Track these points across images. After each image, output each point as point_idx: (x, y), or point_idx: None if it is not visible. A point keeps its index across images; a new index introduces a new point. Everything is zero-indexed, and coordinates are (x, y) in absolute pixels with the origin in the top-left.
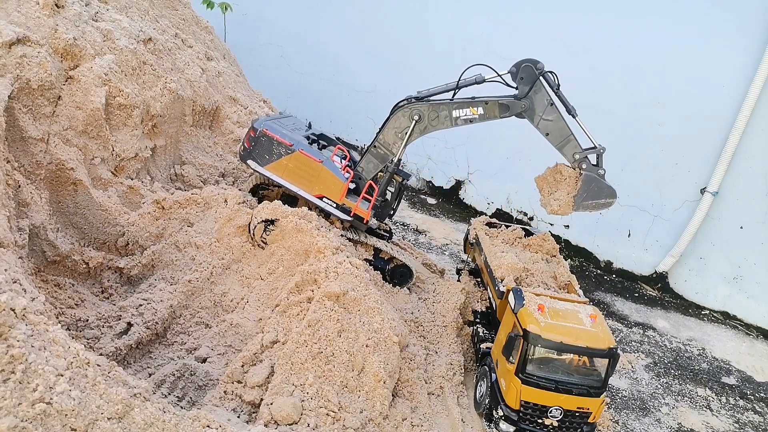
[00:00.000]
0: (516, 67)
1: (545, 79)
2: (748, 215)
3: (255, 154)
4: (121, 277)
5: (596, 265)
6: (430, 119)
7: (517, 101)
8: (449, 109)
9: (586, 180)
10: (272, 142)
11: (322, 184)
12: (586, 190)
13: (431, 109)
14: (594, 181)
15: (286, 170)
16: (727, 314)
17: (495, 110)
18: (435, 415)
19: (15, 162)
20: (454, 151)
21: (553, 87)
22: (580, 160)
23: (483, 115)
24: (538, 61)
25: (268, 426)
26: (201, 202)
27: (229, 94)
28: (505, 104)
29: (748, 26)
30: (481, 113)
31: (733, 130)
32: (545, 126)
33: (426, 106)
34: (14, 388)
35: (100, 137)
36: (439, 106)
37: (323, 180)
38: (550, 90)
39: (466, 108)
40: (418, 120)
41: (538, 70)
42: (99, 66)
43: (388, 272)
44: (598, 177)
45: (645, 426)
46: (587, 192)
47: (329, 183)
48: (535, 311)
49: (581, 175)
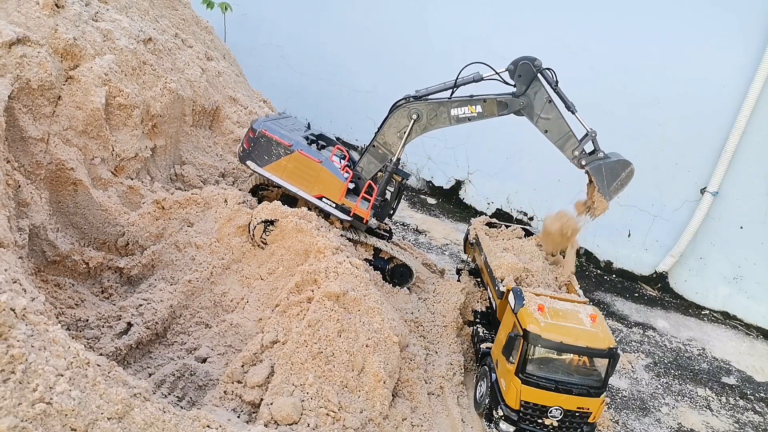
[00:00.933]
0: (514, 64)
1: (543, 76)
2: (748, 215)
3: (254, 154)
4: (121, 277)
5: (596, 265)
6: (429, 118)
7: (515, 99)
8: (448, 107)
9: (595, 172)
10: (271, 142)
11: (321, 185)
12: (602, 178)
13: (430, 108)
14: (602, 167)
15: (285, 171)
16: (727, 314)
17: (493, 108)
18: (435, 415)
19: (15, 162)
20: (454, 151)
21: (551, 84)
22: (579, 156)
23: (481, 113)
24: (536, 58)
25: (268, 426)
26: (201, 202)
27: (229, 94)
28: (503, 102)
29: (748, 26)
30: (480, 111)
31: (733, 130)
32: (544, 124)
33: (424, 104)
34: (14, 388)
35: (100, 137)
36: (438, 105)
37: (322, 180)
38: (549, 87)
39: (464, 106)
40: (416, 119)
41: (536, 68)
42: (99, 66)
43: (388, 272)
44: (602, 162)
45: (645, 426)
46: (605, 179)
47: (328, 183)
48: (535, 311)
49: (588, 171)
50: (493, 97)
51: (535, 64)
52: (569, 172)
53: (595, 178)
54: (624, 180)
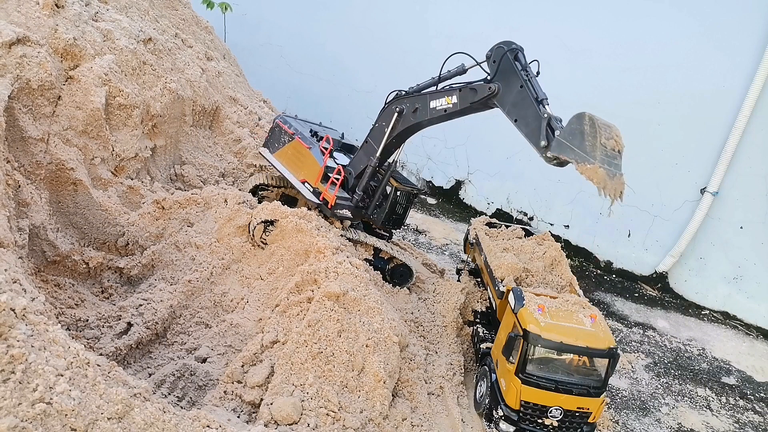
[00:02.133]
0: (491, 50)
1: (517, 60)
2: (748, 215)
3: (269, 143)
4: (121, 277)
5: (596, 265)
6: (411, 111)
7: (484, 84)
8: (427, 100)
9: (560, 149)
10: (281, 131)
11: (306, 169)
12: (569, 149)
13: (412, 102)
14: (561, 140)
15: (285, 156)
16: (727, 314)
17: (467, 97)
18: (435, 415)
19: (15, 162)
20: (454, 151)
21: (526, 69)
22: (545, 147)
23: (457, 104)
24: (513, 42)
25: (268, 426)
26: (201, 202)
27: (229, 94)
28: (473, 88)
29: (748, 26)
30: (455, 102)
31: (733, 130)
32: (514, 112)
33: (408, 99)
34: (14, 388)
35: (100, 137)
36: (419, 98)
37: (307, 164)
38: (522, 72)
39: (442, 98)
40: (399, 113)
41: (510, 51)
42: (99, 66)
43: (388, 272)
44: (558, 136)
45: (645, 426)
46: (572, 146)
47: (310, 167)
48: (535, 311)
49: (557, 157)
50: (466, 85)
51: (511, 47)
52: (569, 172)
53: (564, 154)
54: (592, 132)
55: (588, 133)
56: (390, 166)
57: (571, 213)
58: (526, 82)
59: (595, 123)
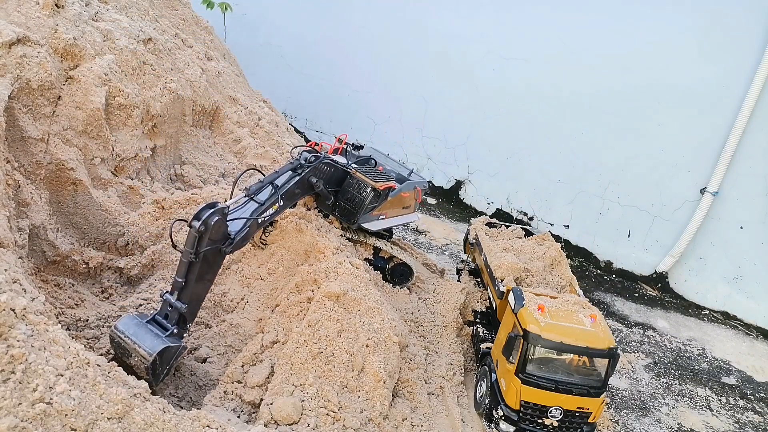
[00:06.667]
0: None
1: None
2: (748, 215)
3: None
4: (121, 277)
5: (596, 265)
6: None
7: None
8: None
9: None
10: None
11: None
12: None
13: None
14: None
15: None
16: (727, 314)
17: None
18: (435, 415)
19: (15, 162)
20: (454, 151)
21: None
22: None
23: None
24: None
25: (268, 426)
26: (201, 202)
27: (229, 94)
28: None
29: (748, 26)
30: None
31: (733, 130)
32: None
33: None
34: (14, 388)
35: (100, 137)
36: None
37: None
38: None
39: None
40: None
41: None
42: (99, 66)
43: (388, 271)
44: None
45: (645, 426)
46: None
47: None
48: (535, 311)
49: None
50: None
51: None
52: (569, 172)
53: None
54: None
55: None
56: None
57: (571, 213)
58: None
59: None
